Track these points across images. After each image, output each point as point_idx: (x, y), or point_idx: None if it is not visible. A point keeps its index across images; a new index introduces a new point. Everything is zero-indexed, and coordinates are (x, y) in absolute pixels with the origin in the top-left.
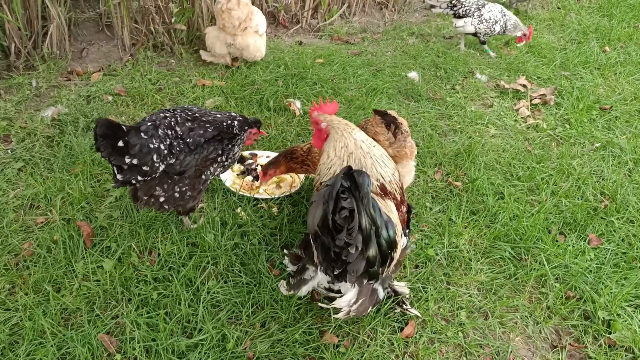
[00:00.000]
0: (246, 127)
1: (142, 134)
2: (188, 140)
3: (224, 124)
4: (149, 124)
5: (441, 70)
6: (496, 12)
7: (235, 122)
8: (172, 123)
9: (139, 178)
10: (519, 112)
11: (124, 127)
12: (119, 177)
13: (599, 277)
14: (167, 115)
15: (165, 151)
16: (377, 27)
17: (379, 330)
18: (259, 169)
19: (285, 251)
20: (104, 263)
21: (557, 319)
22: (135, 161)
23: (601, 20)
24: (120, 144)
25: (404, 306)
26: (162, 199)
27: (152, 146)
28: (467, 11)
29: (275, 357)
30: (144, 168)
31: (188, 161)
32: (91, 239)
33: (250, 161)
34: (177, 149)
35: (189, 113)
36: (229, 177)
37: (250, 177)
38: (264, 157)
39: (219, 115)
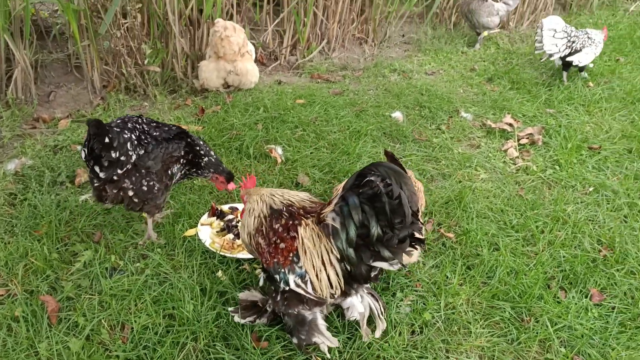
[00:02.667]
0: (211, 170)
1: (115, 128)
2: (155, 133)
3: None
4: (118, 121)
5: (425, 109)
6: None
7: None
8: (139, 121)
9: (119, 172)
10: (508, 153)
11: (104, 124)
12: (101, 175)
13: (606, 340)
14: (133, 116)
15: (136, 141)
16: (357, 63)
17: None
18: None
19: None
20: (71, 343)
21: None
22: (118, 154)
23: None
24: (107, 139)
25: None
26: (130, 193)
27: (125, 136)
28: (584, 43)
29: None
30: (122, 159)
31: (156, 153)
32: (56, 314)
33: (230, 216)
34: (146, 141)
35: (151, 119)
36: (208, 236)
37: (231, 235)
38: None
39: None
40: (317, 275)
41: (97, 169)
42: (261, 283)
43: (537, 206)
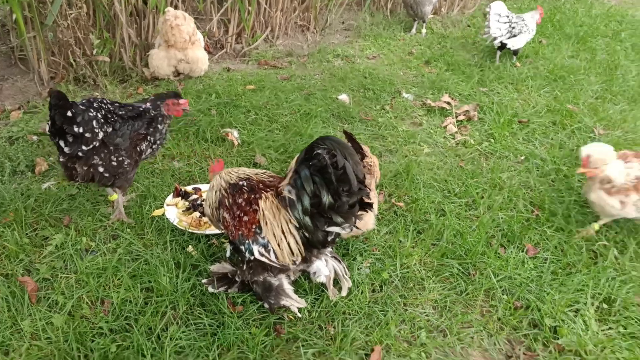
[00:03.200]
0: (159, 103)
1: (81, 106)
2: (120, 112)
3: (141, 108)
4: (84, 100)
5: (370, 91)
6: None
7: (148, 104)
8: (104, 102)
9: (84, 148)
10: (447, 129)
11: (68, 99)
12: (66, 150)
13: (541, 286)
14: (97, 98)
15: (102, 120)
16: (301, 50)
17: None
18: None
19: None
20: (54, 319)
21: (509, 330)
22: (81, 129)
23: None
24: (69, 113)
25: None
26: (101, 169)
27: (91, 114)
28: (522, 29)
29: None
30: (87, 135)
31: (123, 131)
32: (35, 293)
33: (194, 196)
34: (112, 119)
35: (113, 101)
36: (175, 215)
37: (197, 214)
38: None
39: (134, 103)
40: (278, 245)
41: (62, 143)
42: (228, 254)
43: (476, 175)
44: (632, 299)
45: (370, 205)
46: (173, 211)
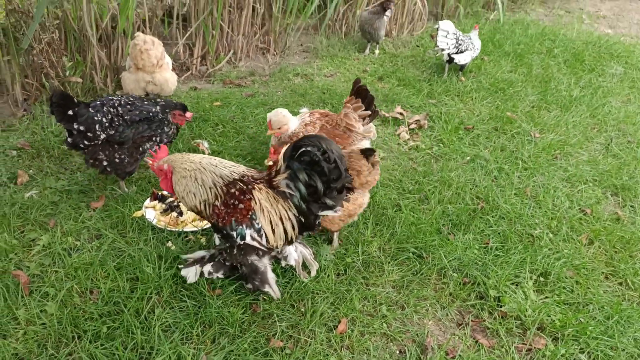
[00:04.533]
0: (167, 110)
1: (90, 109)
2: (126, 117)
3: (151, 111)
4: (97, 102)
5: (328, 105)
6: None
7: (158, 107)
8: (116, 104)
9: (86, 143)
10: (401, 136)
11: (75, 100)
12: (69, 140)
13: (486, 265)
14: (114, 98)
15: (107, 124)
16: (263, 70)
17: (317, 331)
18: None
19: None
20: (47, 306)
21: (459, 302)
22: (82, 128)
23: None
24: (70, 112)
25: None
26: (105, 163)
27: (96, 118)
28: (468, 46)
29: None
30: (89, 134)
31: (127, 134)
32: (28, 286)
33: (171, 199)
34: (117, 123)
35: (130, 99)
36: (154, 216)
37: (174, 214)
38: None
39: (146, 104)
40: (273, 230)
41: (66, 133)
42: (217, 242)
43: (428, 174)
44: (564, 273)
45: (351, 189)
46: (152, 213)
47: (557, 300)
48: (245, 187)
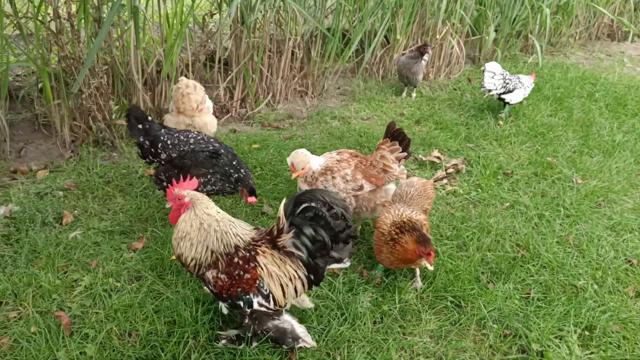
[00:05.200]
0: (239, 184)
1: (162, 129)
2: (192, 146)
3: (216, 151)
4: (175, 129)
5: (365, 148)
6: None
7: (232, 179)
8: (189, 135)
9: (151, 158)
10: (438, 180)
11: (149, 118)
12: (140, 152)
13: (528, 316)
14: (190, 130)
15: (170, 146)
16: (301, 113)
17: None
18: None
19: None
20: (87, 348)
21: (500, 356)
22: (147, 142)
23: (491, 99)
24: (140, 126)
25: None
26: (164, 183)
27: (162, 138)
28: (516, 85)
29: None
30: (152, 150)
31: (184, 163)
32: (69, 327)
33: None
34: (180, 148)
35: (206, 138)
36: None
37: None
38: None
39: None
40: (283, 291)
41: (139, 150)
42: (225, 311)
43: (466, 220)
44: (610, 327)
45: (355, 237)
46: None
47: (603, 356)
48: (248, 255)
